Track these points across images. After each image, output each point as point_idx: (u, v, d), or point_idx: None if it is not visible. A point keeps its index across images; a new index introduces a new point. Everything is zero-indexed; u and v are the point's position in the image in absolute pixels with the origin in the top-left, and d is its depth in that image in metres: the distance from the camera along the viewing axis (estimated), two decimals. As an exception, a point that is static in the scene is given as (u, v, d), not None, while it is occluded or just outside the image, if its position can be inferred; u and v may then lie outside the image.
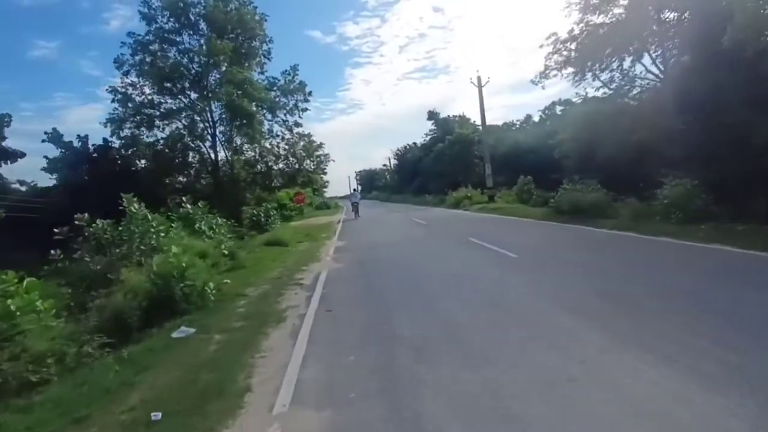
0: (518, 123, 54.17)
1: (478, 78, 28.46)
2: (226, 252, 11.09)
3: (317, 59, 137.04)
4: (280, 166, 26.54)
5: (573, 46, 19.72)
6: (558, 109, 47.29)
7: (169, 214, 13.41)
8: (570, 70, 20.23)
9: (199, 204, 13.74)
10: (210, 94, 22.59)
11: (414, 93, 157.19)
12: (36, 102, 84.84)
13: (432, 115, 56.79)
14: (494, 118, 53.98)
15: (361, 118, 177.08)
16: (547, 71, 21.30)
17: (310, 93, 27.29)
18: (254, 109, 21.54)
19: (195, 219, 12.96)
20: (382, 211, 37.00)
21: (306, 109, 27.61)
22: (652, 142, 14.16)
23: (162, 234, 9.59)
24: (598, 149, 17.29)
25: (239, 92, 21.40)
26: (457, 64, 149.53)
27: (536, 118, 50.07)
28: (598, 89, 20.76)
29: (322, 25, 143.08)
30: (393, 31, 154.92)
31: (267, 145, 26.22)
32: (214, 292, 6.67)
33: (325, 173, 38.16)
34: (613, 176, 15.77)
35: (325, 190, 69.52)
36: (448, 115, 55.75)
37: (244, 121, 23.04)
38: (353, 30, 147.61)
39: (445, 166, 45.17)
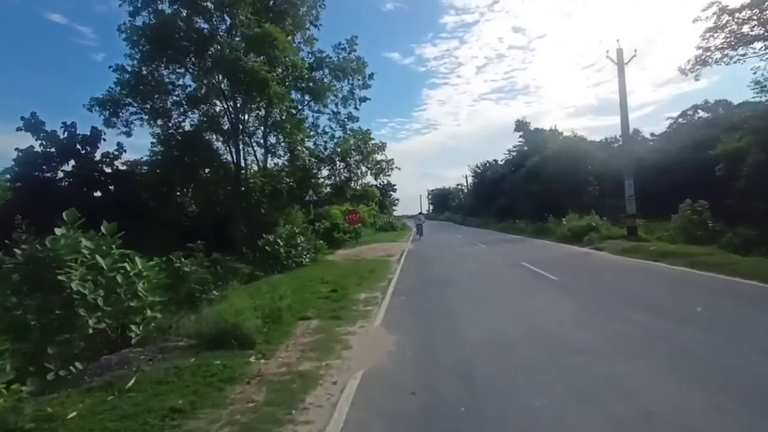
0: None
1: (618, 51, 18.82)
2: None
3: (395, 80, 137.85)
4: (324, 173, 19.00)
5: (746, 15, 14.72)
6: (699, 114, 35.84)
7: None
8: (741, 51, 15.40)
9: (102, 228, 6.38)
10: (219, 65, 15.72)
11: (490, 114, 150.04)
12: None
13: (520, 126, 47.16)
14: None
15: (435, 138, 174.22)
16: (706, 55, 16.24)
17: (371, 76, 19.82)
18: (267, 74, 13.84)
19: (58, 259, 5.55)
20: (459, 240, 27.69)
21: (366, 98, 20.12)
22: None
23: None
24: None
25: (253, 54, 14.17)
26: (536, 84, 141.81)
27: (645, 132, 38.43)
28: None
29: (400, 47, 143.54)
30: (471, 53, 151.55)
31: (310, 144, 19.00)
32: None
33: (394, 189, 30.39)
34: None
35: (395, 208, 61.89)
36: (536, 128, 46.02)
37: (275, 106, 15.94)
38: (431, 51, 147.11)
39: (542, 185, 35.15)
